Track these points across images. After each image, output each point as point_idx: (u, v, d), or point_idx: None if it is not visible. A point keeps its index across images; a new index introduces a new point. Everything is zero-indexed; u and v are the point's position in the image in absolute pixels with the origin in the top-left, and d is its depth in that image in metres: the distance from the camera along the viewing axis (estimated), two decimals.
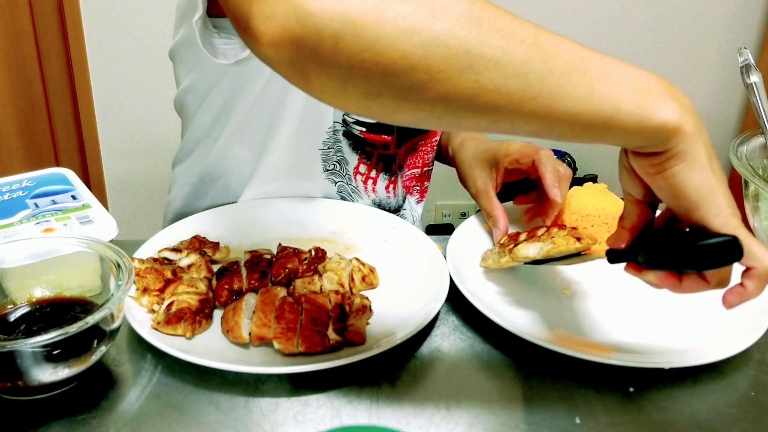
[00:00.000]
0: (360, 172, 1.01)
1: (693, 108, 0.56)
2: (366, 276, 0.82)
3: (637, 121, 0.53)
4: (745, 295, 0.59)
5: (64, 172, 0.91)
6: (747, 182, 0.90)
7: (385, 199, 1.04)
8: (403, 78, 0.49)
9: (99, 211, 0.82)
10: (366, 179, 1.01)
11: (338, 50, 0.48)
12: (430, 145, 1.08)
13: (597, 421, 0.65)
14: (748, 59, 0.94)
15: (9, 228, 0.77)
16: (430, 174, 1.13)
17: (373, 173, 1.01)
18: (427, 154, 1.09)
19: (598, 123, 0.52)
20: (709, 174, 0.55)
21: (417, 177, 1.10)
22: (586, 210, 0.89)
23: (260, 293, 0.75)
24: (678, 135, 0.54)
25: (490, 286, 0.83)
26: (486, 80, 0.49)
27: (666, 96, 0.54)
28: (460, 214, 2.55)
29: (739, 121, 2.49)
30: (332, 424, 0.64)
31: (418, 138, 1.07)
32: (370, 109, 0.52)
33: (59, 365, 0.62)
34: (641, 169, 0.58)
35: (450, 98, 0.50)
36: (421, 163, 1.09)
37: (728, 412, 0.67)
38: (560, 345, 0.70)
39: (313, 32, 0.48)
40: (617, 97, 0.52)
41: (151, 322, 0.73)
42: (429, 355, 0.73)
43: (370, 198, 1.03)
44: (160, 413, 0.65)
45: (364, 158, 1.00)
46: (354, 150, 0.99)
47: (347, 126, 0.96)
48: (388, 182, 1.03)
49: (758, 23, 2.34)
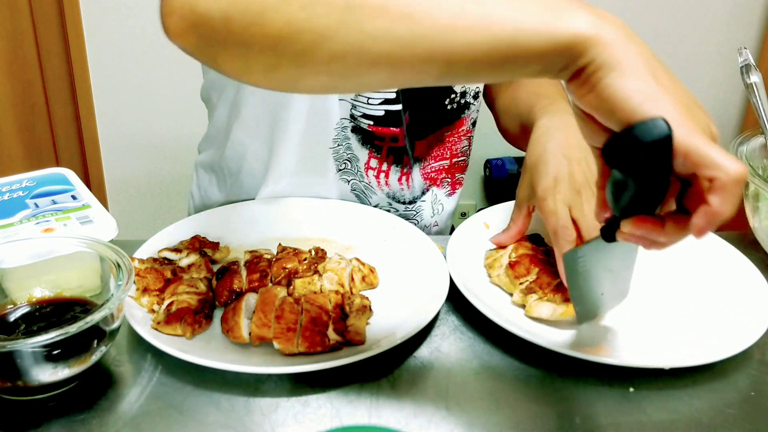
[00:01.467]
0: (371, 167, 1.00)
1: (618, 21, 0.51)
2: (366, 276, 0.82)
3: (544, 40, 0.48)
4: (711, 213, 0.48)
5: (64, 172, 0.91)
6: (747, 182, 0.90)
7: (399, 191, 1.03)
8: (294, 44, 0.50)
9: (99, 211, 0.82)
10: (378, 173, 1.01)
11: (230, 29, 0.52)
12: (458, 135, 1.06)
13: (597, 421, 0.65)
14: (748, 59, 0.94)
15: (9, 228, 0.77)
16: (465, 166, 1.10)
17: (384, 167, 1.00)
18: (455, 144, 1.06)
19: (501, 51, 0.49)
20: (650, 81, 0.48)
21: (446, 168, 1.07)
22: None
23: (260, 293, 0.75)
24: (596, 45, 0.48)
25: (490, 286, 0.83)
26: (371, 29, 0.49)
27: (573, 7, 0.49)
28: (460, 214, 2.55)
29: (739, 121, 2.49)
30: (332, 424, 0.64)
31: (444, 129, 1.04)
32: (275, 80, 0.54)
33: (59, 365, 0.62)
34: (578, 98, 0.51)
35: (341, 55, 0.50)
36: (449, 154, 1.07)
37: (728, 412, 0.67)
38: (560, 345, 0.71)
39: (205, 18, 0.53)
40: (517, 19, 0.48)
41: (151, 322, 0.73)
42: (429, 355, 0.73)
43: (384, 192, 1.03)
44: (160, 413, 0.65)
45: (374, 152, 0.99)
46: (363, 145, 0.98)
47: (355, 121, 0.96)
48: (401, 174, 1.02)
49: (758, 23, 2.34)
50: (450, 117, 1.04)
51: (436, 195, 1.09)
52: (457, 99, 1.02)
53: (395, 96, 0.95)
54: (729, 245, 0.89)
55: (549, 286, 0.77)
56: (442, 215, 1.11)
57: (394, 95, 0.95)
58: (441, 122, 1.03)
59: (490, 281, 0.83)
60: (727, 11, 2.31)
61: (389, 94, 0.95)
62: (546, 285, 0.78)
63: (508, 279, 0.81)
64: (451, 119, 1.04)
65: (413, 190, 1.05)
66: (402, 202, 1.04)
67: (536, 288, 0.78)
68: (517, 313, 0.78)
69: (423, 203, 1.07)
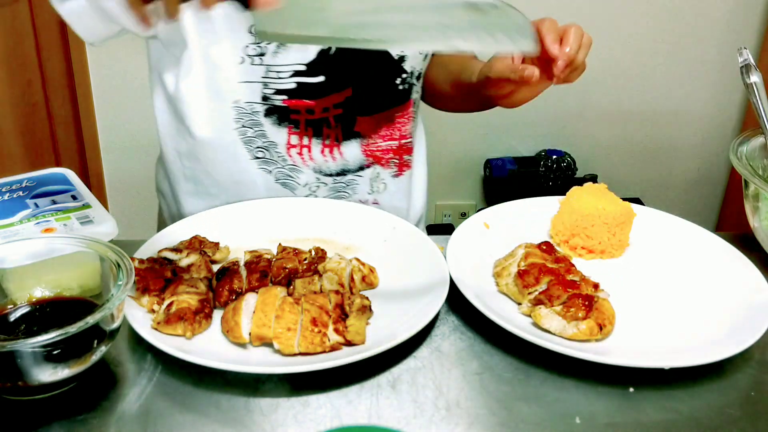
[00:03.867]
0: (292, 144, 1.00)
1: None
2: (366, 276, 0.82)
3: None
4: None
5: (64, 172, 0.91)
6: (747, 182, 0.90)
7: (324, 164, 1.03)
8: None
9: (99, 211, 0.82)
10: (300, 149, 1.01)
11: None
12: (407, 116, 1.07)
13: (597, 421, 0.65)
14: (748, 59, 0.94)
15: (9, 228, 0.77)
16: (411, 148, 1.12)
17: (305, 140, 1.00)
18: (404, 125, 1.08)
19: None
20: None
21: (394, 149, 1.08)
22: (586, 210, 0.89)
23: (260, 293, 0.75)
24: None
25: (490, 285, 0.83)
26: None
27: None
28: (460, 214, 2.55)
29: (739, 121, 2.49)
30: (332, 424, 0.64)
31: (395, 110, 1.05)
32: None
33: (59, 365, 0.62)
34: None
35: None
36: (398, 135, 1.08)
37: (728, 412, 0.67)
38: (560, 345, 0.71)
39: None
40: None
41: (151, 322, 0.73)
42: (429, 355, 0.73)
43: (310, 167, 1.02)
44: (160, 413, 0.65)
45: (293, 127, 0.99)
46: (280, 124, 0.99)
47: (267, 101, 0.97)
48: (323, 146, 1.02)
49: (758, 23, 2.34)
50: (401, 97, 1.05)
51: (379, 173, 1.08)
52: (408, 79, 1.03)
53: (306, 68, 0.95)
54: (729, 245, 0.89)
55: (558, 299, 0.76)
56: (384, 194, 1.10)
57: (304, 67, 0.95)
58: (391, 102, 1.05)
59: (498, 290, 0.82)
60: (727, 11, 2.31)
61: (299, 66, 0.95)
62: (556, 298, 0.76)
63: (516, 288, 0.80)
64: (402, 99, 1.05)
65: (344, 163, 1.04)
66: (329, 175, 1.04)
67: (545, 299, 0.76)
68: (518, 314, 0.78)
69: (359, 178, 1.07)
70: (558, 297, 0.76)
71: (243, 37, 0.92)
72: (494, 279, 0.84)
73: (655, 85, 2.39)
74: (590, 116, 2.42)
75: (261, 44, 0.92)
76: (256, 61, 0.93)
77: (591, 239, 0.89)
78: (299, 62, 0.95)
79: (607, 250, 0.90)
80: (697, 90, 2.43)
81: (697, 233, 0.93)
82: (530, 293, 0.78)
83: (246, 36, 0.92)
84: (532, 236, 0.91)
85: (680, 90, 2.42)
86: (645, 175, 2.53)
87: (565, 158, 2.37)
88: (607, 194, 0.92)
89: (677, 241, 0.92)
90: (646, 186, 2.54)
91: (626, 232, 0.91)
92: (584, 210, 0.90)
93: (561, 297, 0.76)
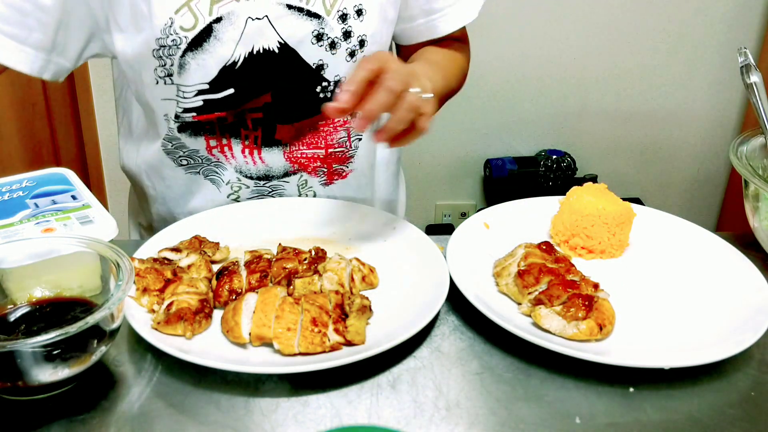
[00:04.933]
0: (211, 146, 1.00)
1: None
2: (366, 276, 0.82)
3: None
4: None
5: (64, 172, 0.91)
6: (747, 182, 0.90)
7: (245, 165, 1.01)
8: None
9: (99, 211, 0.82)
10: (221, 149, 1.00)
11: None
12: (334, 125, 1.03)
13: (597, 421, 0.65)
14: (748, 59, 0.94)
15: (9, 228, 0.77)
16: (345, 158, 1.07)
17: (224, 141, 1.00)
18: (330, 134, 1.04)
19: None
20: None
21: (321, 158, 1.04)
22: (586, 210, 0.89)
23: (260, 293, 0.75)
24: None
25: (490, 286, 0.83)
26: None
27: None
28: (460, 214, 2.55)
29: (739, 121, 2.49)
30: (332, 424, 0.64)
31: (317, 118, 1.01)
32: None
33: (59, 365, 0.62)
34: None
35: None
36: (324, 144, 1.04)
37: (728, 412, 0.67)
38: (560, 345, 0.71)
39: None
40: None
41: (151, 322, 0.73)
42: (429, 355, 0.73)
43: (232, 165, 1.01)
44: (160, 413, 0.65)
45: (209, 134, 0.99)
46: (197, 136, 0.99)
47: (178, 119, 0.97)
48: (243, 146, 1.00)
49: (758, 23, 2.34)
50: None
51: (306, 180, 1.06)
52: (330, 88, 0.99)
53: (208, 86, 0.94)
54: (729, 245, 0.89)
55: (558, 299, 0.76)
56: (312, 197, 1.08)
57: (207, 86, 0.94)
58: (312, 110, 1.00)
59: (498, 290, 0.82)
60: (727, 11, 2.31)
61: (202, 85, 0.94)
62: (556, 297, 0.76)
63: (516, 288, 0.80)
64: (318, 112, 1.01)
65: (267, 169, 1.02)
66: (250, 177, 1.03)
67: (545, 299, 0.77)
68: (518, 314, 0.78)
69: (286, 184, 1.04)
70: (558, 297, 0.76)
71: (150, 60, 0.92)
72: (494, 279, 0.84)
73: (655, 85, 2.39)
74: (590, 116, 2.42)
75: (165, 65, 0.92)
76: (168, 81, 0.93)
77: (591, 239, 0.89)
78: (201, 81, 0.93)
79: (607, 250, 0.90)
80: (697, 90, 2.43)
81: (697, 233, 0.93)
82: (530, 293, 0.78)
83: (152, 59, 0.92)
84: (532, 236, 0.91)
85: (680, 90, 2.42)
86: (645, 175, 2.54)
87: (565, 158, 2.37)
88: (607, 194, 0.92)
89: (677, 241, 0.92)
90: (646, 186, 2.55)
91: (626, 232, 0.91)
92: (584, 210, 0.90)
93: (561, 297, 0.76)
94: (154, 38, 0.89)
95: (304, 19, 0.92)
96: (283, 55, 0.93)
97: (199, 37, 0.89)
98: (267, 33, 0.91)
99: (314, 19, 0.92)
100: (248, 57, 0.92)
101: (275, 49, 0.92)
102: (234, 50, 0.91)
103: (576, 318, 0.73)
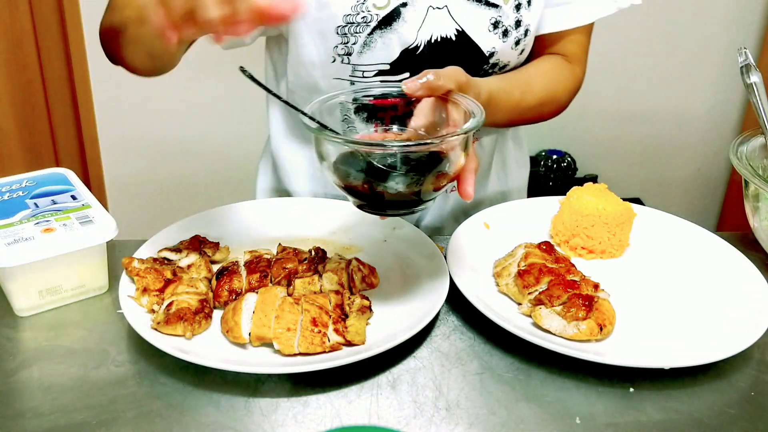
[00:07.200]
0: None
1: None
2: (366, 276, 0.82)
3: None
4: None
5: (64, 172, 0.91)
6: (747, 182, 0.90)
7: None
8: None
9: (99, 211, 0.82)
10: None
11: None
12: None
13: (597, 421, 0.65)
14: (748, 59, 0.94)
15: (9, 228, 0.77)
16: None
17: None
18: None
19: None
20: None
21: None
22: (587, 210, 0.89)
23: (260, 293, 0.75)
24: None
25: (490, 286, 0.83)
26: None
27: None
28: None
29: (739, 121, 2.49)
30: (332, 424, 0.64)
31: None
32: None
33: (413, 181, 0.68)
34: None
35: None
36: None
37: (728, 412, 0.67)
38: (561, 345, 0.71)
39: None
40: None
41: (151, 322, 0.73)
42: (429, 355, 0.73)
43: None
44: (160, 413, 0.65)
45: (379, 124, 1.00)
46: (368, 122, 0.99)
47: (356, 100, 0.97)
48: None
49: (758, 23, 2.34)
50: None
51: None
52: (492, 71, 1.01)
53: (389, 67, 0.95)
54: (729, 245, 0.89)
55: (559, 299, 0.76)
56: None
57: (387, 66, 0.95)
58: None
59: (498, 290, 0.82)
60: (727, 11, 2.31)
61: (383, 65, 0.95)
62: (556, 298, 0.76)
63: (516, 288, 0.80)
64: None
65: None
66: None
67: (545, 300, 0.76)
68: (518, 314, 0.78)
69: None
70: (558, 297, 0.76)
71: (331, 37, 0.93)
72: (494, 279, 0.84)
73: (655, 85, 2.39)
74: (590, 116, 2.42)
75: (348, 43, 0.93)
76: (345, 60, 0.94)
77: (591, 239, 0.89)
78: (383, 61, 0.95)
79: (607, 250, 0.90)
80: (697, 90, 2.43)
81: (697, 233, 0.93)
82: (530, 293, 0.78)
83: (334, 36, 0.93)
84: (532, 236, 0.91)
85: (680, 90, 2.41)
86: (645, 175, 2.53)
87: (565, 158, 2.37)
88: (607, 194, 0.92)
89: (677, 241, 0.92)
90: (646, 186, 2.54)
91: (626, 232, 0.91)
92: (584, 210, 0.90)
93: (561, 297, 0.76)
94: (342, 14, 0.90)
95: (483, 9, 0.94)
96: (459, 42, 0.95)
97: (389, 16, 0.91)
98: (445, 21, 0.93)
99: (492, 8, 0.94)
100: (428, 43, 0.93)
101: (452, 37, 0.94)
102: (417, 35, 0.93)
103: (576, 318, 0.73)
